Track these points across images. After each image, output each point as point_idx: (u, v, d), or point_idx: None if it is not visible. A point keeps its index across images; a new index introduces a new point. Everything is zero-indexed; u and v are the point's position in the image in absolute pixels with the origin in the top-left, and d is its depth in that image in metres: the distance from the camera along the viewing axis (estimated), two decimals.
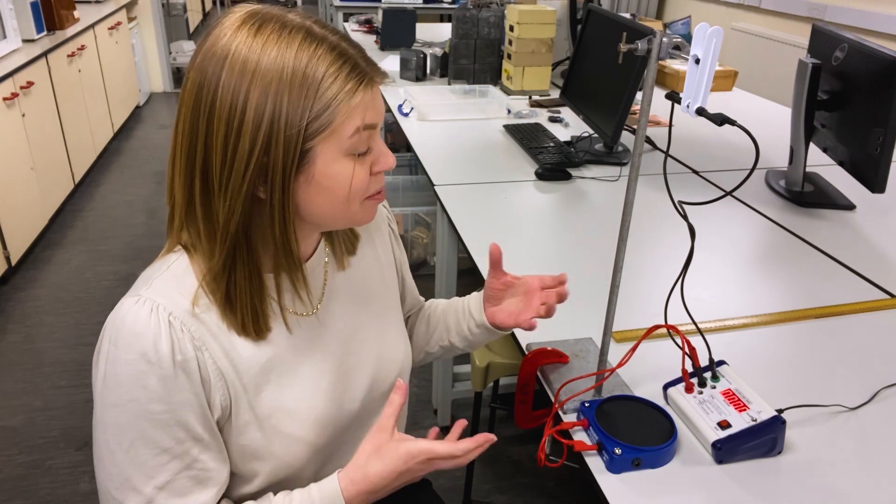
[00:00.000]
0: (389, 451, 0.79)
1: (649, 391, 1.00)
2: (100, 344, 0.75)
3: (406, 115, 2.33)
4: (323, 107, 0.69)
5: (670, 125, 0.84)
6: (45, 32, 3.49)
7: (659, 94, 2.60)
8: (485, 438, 0.81)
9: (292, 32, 0.69)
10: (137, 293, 0.75)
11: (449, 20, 4.12)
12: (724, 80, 2.79)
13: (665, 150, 2.10)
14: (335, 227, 0.80)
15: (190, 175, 0.72)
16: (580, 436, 0.92)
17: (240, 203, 0.71)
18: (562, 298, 0.96)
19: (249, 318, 0.77)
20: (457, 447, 0.80)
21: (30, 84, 3.01)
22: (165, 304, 0.74)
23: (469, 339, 1.05)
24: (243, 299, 0.76)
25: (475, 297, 1.05)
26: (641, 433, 0.89)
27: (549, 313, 0.96)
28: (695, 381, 0.96)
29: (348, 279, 0.91)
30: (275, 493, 0.83)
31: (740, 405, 0.91)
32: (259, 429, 0.80)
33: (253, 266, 0.76)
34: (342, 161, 0.73)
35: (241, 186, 0.70)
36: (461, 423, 0.87)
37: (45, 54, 3.24)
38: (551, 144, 2.00)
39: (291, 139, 0.69)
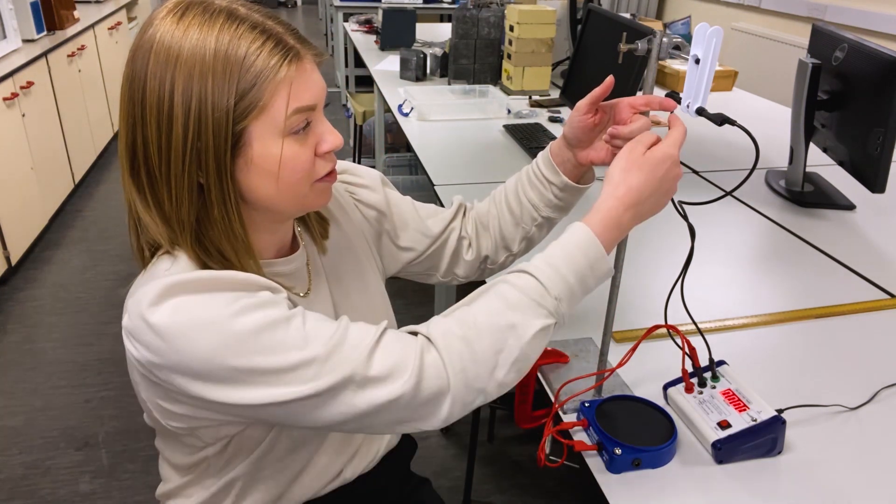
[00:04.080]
0: (646, 161, 0.78)
1: (649, 391, 1.00)
2: (138, 331, 0.69)
3: (406, 115, 2.33)
4: (248, 85, 0.69)
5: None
6: (45, 32, 3.49)
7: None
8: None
9: (214, 15, 0.70)
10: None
11: (449, 20, 4.12)
12: (724, 80, 2.79)
13: None
14: (290, 213, 0.79)
15: (136, 169, 0.72)
16: (580, 436, 0.92)
17: (185, 192, 0.71)
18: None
19: None
20: (678, 134, 0.80)
21: (30, 84, 3.01)
22: None
23: (561, 206, 0.99)
24: None
25: (543, 162, 0.98)
26: (641, 433, 0.89)
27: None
28: (695, 381, 0.96)
29: (327, 260, 0.92)
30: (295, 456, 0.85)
31: (740, 405, 0.91)
32: None
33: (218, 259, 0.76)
34: (279, 142, 0.72)
35: (182, 174, 0.70)
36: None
37: (45, 54, 3.24)
38: None
39: (220, 121, 0.69)
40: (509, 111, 2.37)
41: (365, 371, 0.70)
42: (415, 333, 0.76)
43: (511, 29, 2.51)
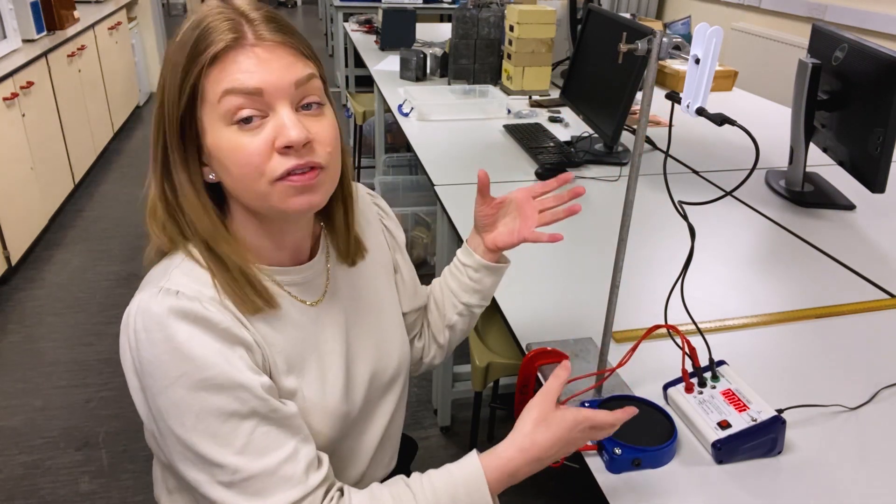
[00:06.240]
0: (556, 420, 0.77)
1: (649, 391, 1.00)
2: (127, 341, 0.72)
3: (406, 115, 2.33)
4: (195, 74, 0.71)
5: (670, 125, 0.84)
6: (45, 32, 3.49)
7: (659, 94, 2.60)
8: (632, 412, 0.81)
9: (191, 14, 0.74)
10: (157, 286, 0.72)
11: (449, 20, 4.12)
12: (724, 80, 2.79)
13: (665, 150, 2.10)
14: (263, 211, 0.77)
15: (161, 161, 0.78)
16: None
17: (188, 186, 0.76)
18: (561, 203, 0.97)
19: (250, 296, 0.77)
20: (615, 416, 0.79)
21: (30, 84, 3.01)
22: (192, 292, 0.72)
23: (477, 289, 1.03)
24: (227, 281, 0.76)
25: (461, 250, 1.05)
26: (641, 433, 0.89)
27: (554, 217, 0.97)
28: (695, 381, 0.96)
29: (348, 274, 0.92)
30: None
31: (740, 405, 0.91)
32: None
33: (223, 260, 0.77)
34: (225, 131, 0.71)
35: (156, 153, 0.75)
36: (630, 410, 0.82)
37: (45, 54, 3.24)
38: (551, 144, 2.00)
39: (174, 113, 0.72)
40: (509, 111, 2.37)
41: None
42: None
43: (511, 29, 2.51)
